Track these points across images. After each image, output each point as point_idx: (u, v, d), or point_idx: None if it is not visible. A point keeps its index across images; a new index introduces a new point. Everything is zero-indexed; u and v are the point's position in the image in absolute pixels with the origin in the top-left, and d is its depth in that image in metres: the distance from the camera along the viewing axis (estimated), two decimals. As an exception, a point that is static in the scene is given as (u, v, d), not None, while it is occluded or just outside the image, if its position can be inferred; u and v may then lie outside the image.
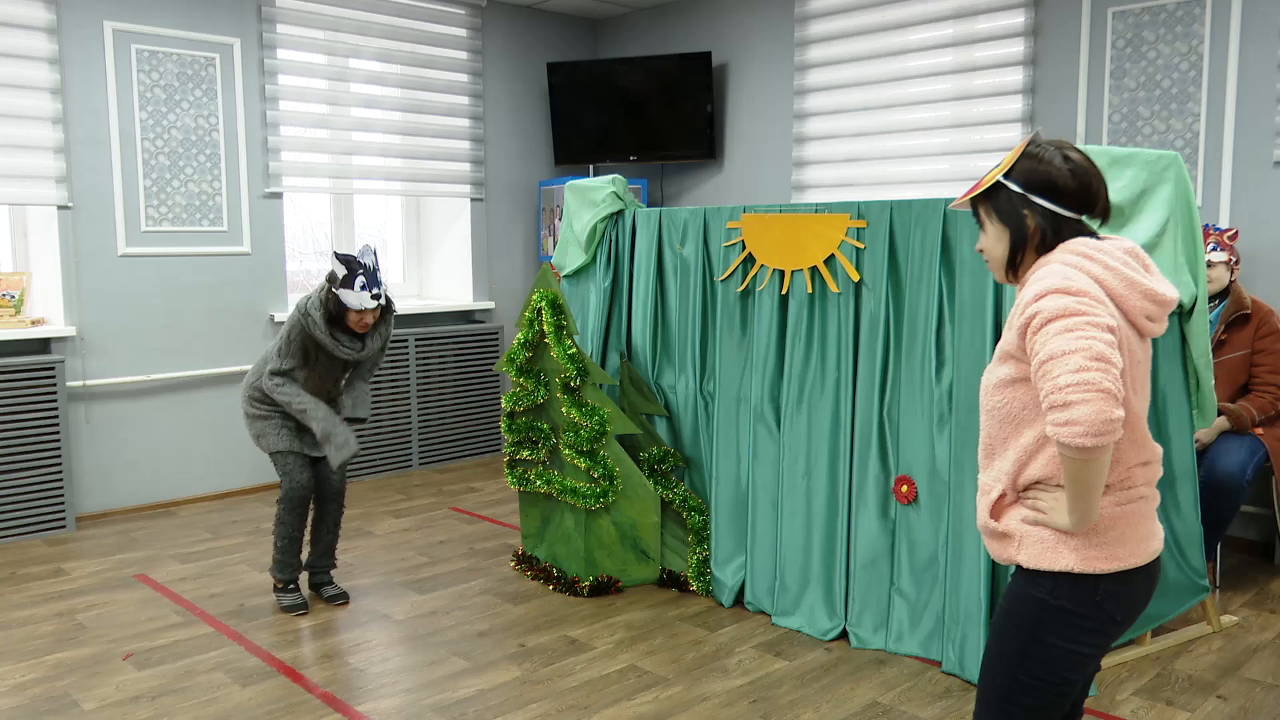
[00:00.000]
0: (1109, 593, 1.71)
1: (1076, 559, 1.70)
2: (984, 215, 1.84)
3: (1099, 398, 1.54)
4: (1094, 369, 1.55)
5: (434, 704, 3.06)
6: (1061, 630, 1.72)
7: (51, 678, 3.25)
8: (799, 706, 3.03)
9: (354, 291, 3.51)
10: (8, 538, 4.67)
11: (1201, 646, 3.45)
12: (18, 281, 4.83)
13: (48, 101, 4.75)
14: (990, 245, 1.84)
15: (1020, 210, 1.77)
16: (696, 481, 4.07)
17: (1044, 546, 1.73)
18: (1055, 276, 1.66)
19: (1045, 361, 1.60)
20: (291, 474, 3.74)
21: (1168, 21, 4.49)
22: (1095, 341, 1.57)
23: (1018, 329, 1.69)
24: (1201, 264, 3.24)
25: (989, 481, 1.82)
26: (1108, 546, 1.71)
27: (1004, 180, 1.79)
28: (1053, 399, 1.57)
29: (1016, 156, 1.80)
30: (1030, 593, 1.75)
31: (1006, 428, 1.77)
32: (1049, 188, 1.76)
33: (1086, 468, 1.60)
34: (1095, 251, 1.71)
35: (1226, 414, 3.87)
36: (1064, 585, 1.72)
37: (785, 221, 3.62)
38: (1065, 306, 1.61)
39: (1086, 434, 1.54)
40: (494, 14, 6.39)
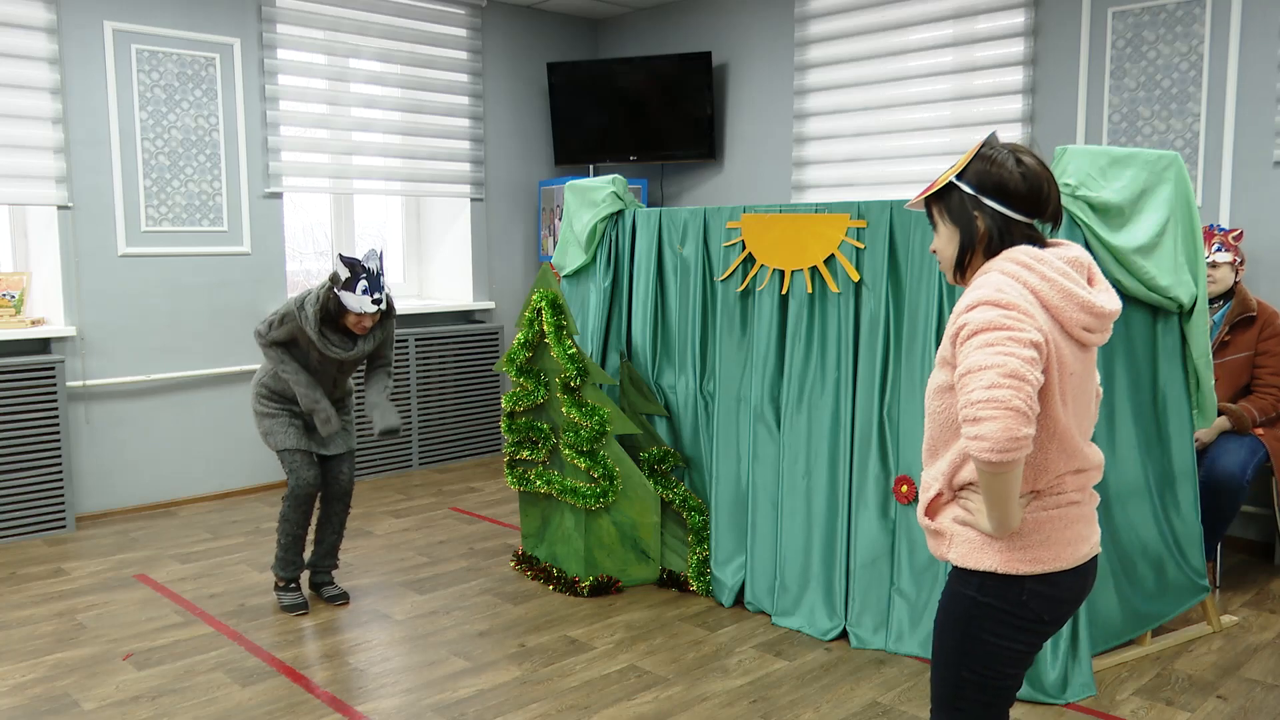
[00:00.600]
0: (1034, 593, 1.76)
1: (1000, 560, 1.75)
2: (937, 216, 1.86)
3: (1007, 415, 1.57)
4: (1005, 386, 1.58)
5: (434, 704, 3.06)
6: (992, 627, 1.77)
7: (51, 678, 3.25)
8: (799, 706, 3.03)
9: (355, 295, 3.52)
10: (8, 538, 4.67)
11: (1201, 646, 3.45)
12: (18, 281, 4.83)
13: (48, 101, 4.75)
14: (942, 246, 1.86)
15: (971, 211, 1.79)
16: (696, 481, 4.07)
17: (971, 546, 1.78)
18: (988, 287, 1.68)
19: (964, 375, 1.64)
20: (298, 471, 3.73)
21: (1168, 21, 4.49)
22: (1011, 358, 1.60)
23: (950, 337, 1.73)
24: (1201, 264, 3.25)
25: (929, 480, 1.86)
26: (1031, 549, 1.75)
27: (956, 181, 1.81)
28: (966, 413, 1.61)
29: (970, 158, 1.81)
30: (960, 590, 1.81)
31: (946, 431, 1.81)
32: (1000, 190, 1.77)
33: (997, 479, 1.64)
34: (1035, 262, 1.72)
35: (1228, 414, 3.87)
36: (990, 584, 1.77)
37: (785, 221, 3.62)
38: (990, 320, 1.64)
39: (993, 450, 1.58)
40: (494, 14, 6.39)
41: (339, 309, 3.57)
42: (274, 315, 3.67)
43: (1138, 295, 3.15)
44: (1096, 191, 3.00)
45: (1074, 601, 1.81)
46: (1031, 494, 1.77)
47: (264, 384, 3.80)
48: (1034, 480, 1.76)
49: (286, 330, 3.65)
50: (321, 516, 3.91)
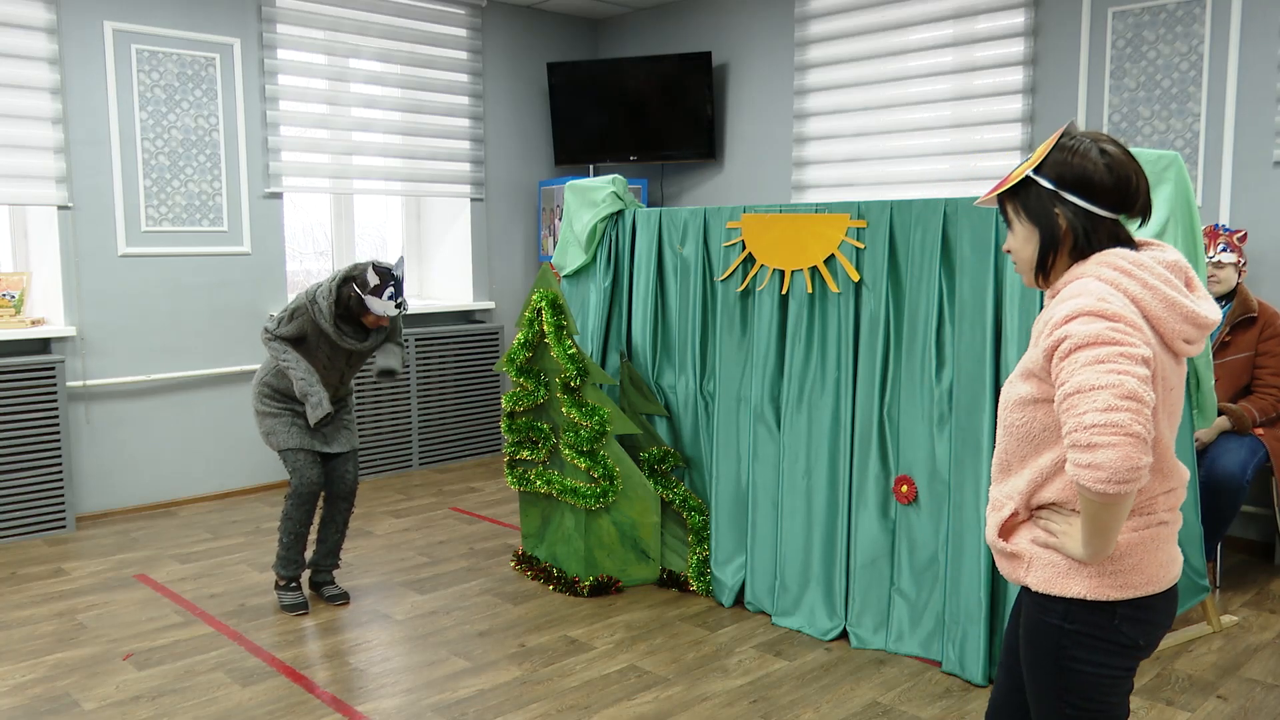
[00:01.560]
0: (1126, 618, 1.63)
1: (1089, 586, 1.62)
2: (1012, 213, 1.71)
3: (1127, 442, 1.43)
4: (1124, 409, 1.44)
5: (434, 704, 3.06)
6: (1085, 655, 1.64)
7: (52, 678, 3.25)
8: (799, 706, 3.03)
9: (381, 300, 3.60)
10: (8, 538, 4.67)
11: (1201, 646, 3.45)
12: (18, 281, 4.83)
13: (48, 101, 4.75)
14: (1018, 246, 1.71)
15: (1051, 208, 1.64)
16: (696, 481, 4.07)
17: (1054, 571, 1.65)
18: (1089, 296, 1.54)
19: (1072, 394, 1.48)
20: (301, 470, 3.74)
21: (1168, 21, 4.49)
22: (1128, 378, 1.46)
23: (1044, 349, 1.57)
24: (1202, 263, 3.24)
25: (1001, 498, 1.73)
26: (1123, 575, 1.62)
27: (1034, 175, 1.66)
28: (1076, 438, 1.46)
29: (1049, 149, 1.66)
30: (1044, 620, 1.67)
31: (1025, 446, 1.67)
32: (1083, 184, 1.62)
33: (1106, 510, 1.51)
34: (1135, 267, 1.57)
35: (1228, 414, 3.87)
36: (1077, 611, 1.63)
37: (785, 221, 3.62)
38: (1098, 334, 1.49)
39: (1110, 480, 1.44)
40: (494, 14, 6.39)
41: (360, 309, 3.64)
42: (283, 312, 3.70)
43: (1138, 295, 3.14)
44: (1096, 191, 3.00)
45: (1165, 626, 1.69)
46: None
47: (266, 383, 3.80)
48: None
49: (297, 325, 3.67)
50: (325, 516, 3.91)
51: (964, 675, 3.19)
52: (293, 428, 3.77)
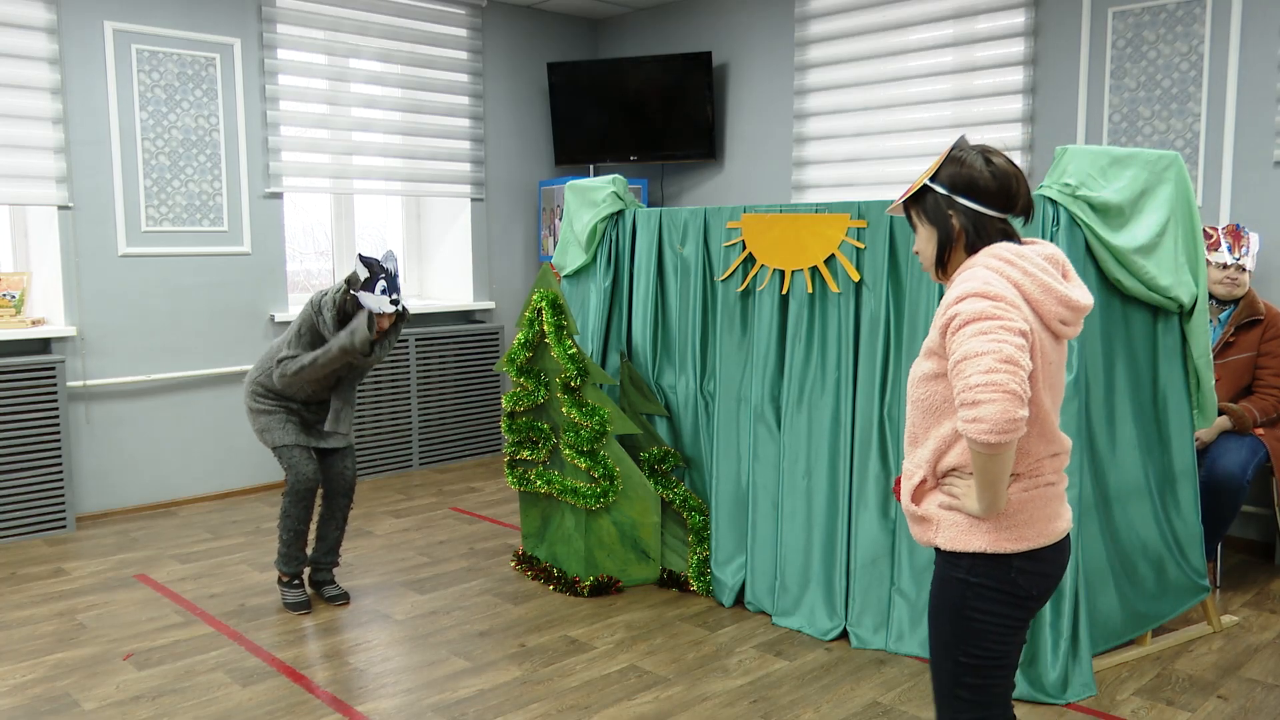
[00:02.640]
0: (1021, 569, 1.85)
1: (988, 540, 1.84)
2: (915, 218, 1.96)
3: (1005, 398, 1.65)
4: (1002, 371, 1.66)
5: (434, 704, 3.06)
6: (985, 606, 1.85)
7: (52, 678, 3.25)
8: (799, 706, 3.03)
9: (374, 295, 3.52)
10: (8, 538, 4.67)
11: (1202, 646, 3.45)
12: (18, 281, 4.83)
13: (48, 101, 4.75)
14: (923, 246, 1.95)
15: (946, 211, 1.89)
16: (697, 481, 4.07)
17: (959, 530, 1.86)
18: (976, 280, 1.78)
19: (960, 361, 1.71)
20: (296, 467, 3.73)
21: (1168, 21, 4.49)
22: (1006, 345, 1.68)
23: (939, 328, 1.81)
24: (1202, 263, 3.25)
25: (911, 468, 1.94)
26: (1017, 529, 1.84)
27: (930, 183, 1.91)
28: (963, 397, 1.69)
29: (941, 161, 1.91)
30: (950, 574, 1.88)
31: (929, 418, 1.89)
32: (971, 188, 1.87)
33: (992, 461, 1.73)
34: (1016, 258, 1.81)
35: (1229, 414, 3.87)
36: (980, 565, 1.85)
37: (785, 221, 3.62)
38: (982, 310, 1.72)
39: (991, 431, 1.66)
40: (494, 14, 6.39)
41: (357, 310, 3.58)
42: (290, 334, 3.67)
43: (1138, 295, 3.15)
44: (1097, 191, 3.00)
45: (1056, 576, 1.91)
46: (1013, 477, 1.85)
47: (258, 382, 3.78)
48: (1016, 464, 1.84)
49: (308, 341, 3.65)
50: (324, 512, 3.90)
51: (964, 675, 3.19)
52: (287, 424, 3.75)
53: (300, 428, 3.79)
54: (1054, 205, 3.03)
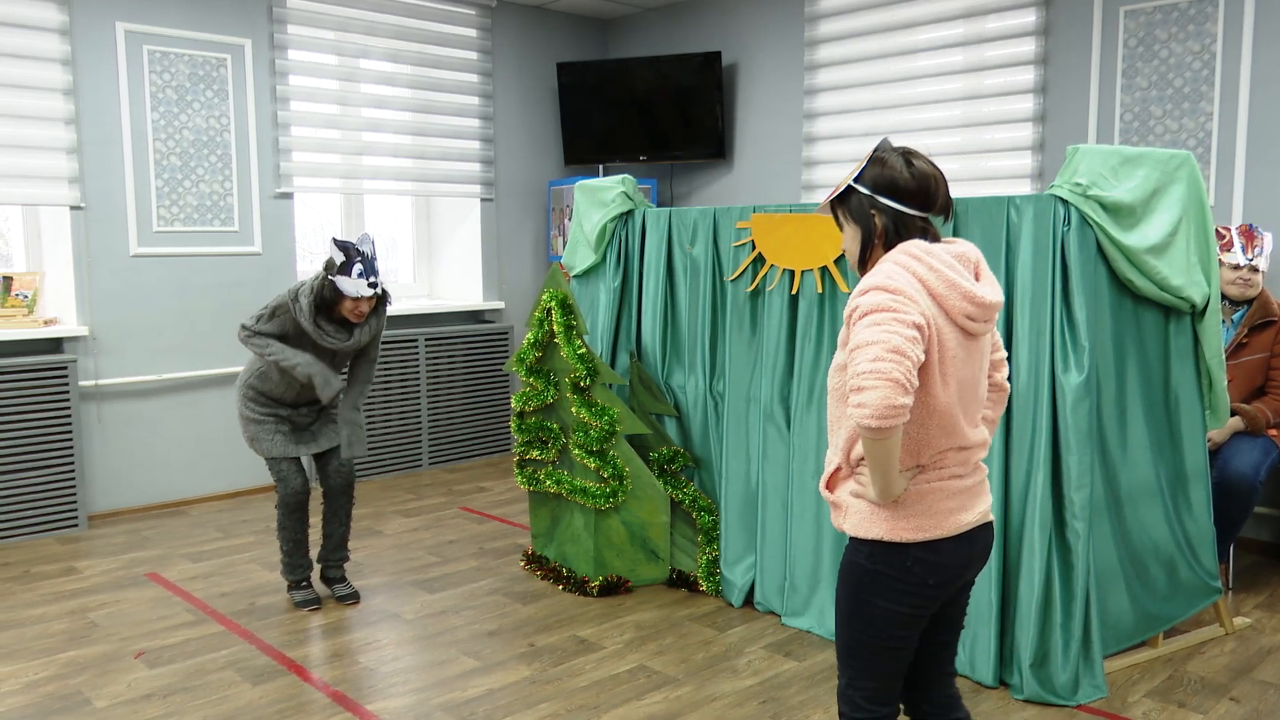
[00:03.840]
0: (918, 559, 1.91)
1: (886, 529, 1.91)
2: (841, 217, 2.03)
3: (887, 385, 1.72)
4: (888, 359, 1.73)
5: (443, 703, 3.07)
6: (881, 592, 1.92)
7: (63, 676, 3.27)
8: (809, 707, 3.03)
9: (351, 279, 3.47)
10: (20, 536, 4.70)
11: (1214, 648, 3.43)
12: (31, 281, 4.86)
13: (60, 102, 4.77)
14: (848, 244, 2.02)
15: (869, 210, 1.95)
16: (706, 481, 4.06)
17: (861, 517, 1.94)
18: (880, 274, 1.85)
19: (853, 350, 1.80)
20: (286, 480, 3.73)
21: (1180, 20, 4.47)
22: (895, 336, 1.75)
23: (845, 318, 1.89)
24: (1214, 263, 3.23)
25: (829, 456, 2.02)
26: (914, 518, 1.90)
27: (854, 184, 1.97)
28: (851, 383, 1.77)
29: (865, 162, 1.98)
30: (854, 559, 1.96)
31: (840, 407, 1.96)
32: (892, 189, 1.94)
33: (879, 446, 1.79)
34: (923, 254, 1.88)
35: (1242, 415, 3.85)
36: (878, 552, 1.92)
37: (795, 221, 3.62)
38: (879, 303, 1.80)
39: (873, 416, 1.72)
40: (504, 14, 6.39)
41: (335, 295, 3.52)
42: (263, 309, 3.61)
43: (1150, 295, 3.13)
44: (1108, 191, 2.99)
45: (960, 567, 1.96)
46: (916, 468, 1.91)
47: (250, 385, 3.75)
48: (916, 455, 1.90)
49: (278, 324, 3.59)
50: (326, 511, 3.90)
51: (974, 676, 3.18)
52: (276, 435, 3.73)
53: (289, 437, 3.76)
54: (1065, 205, 3.02)
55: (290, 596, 3.89)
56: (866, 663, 1.98)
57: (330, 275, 3.50)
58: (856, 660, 1.99)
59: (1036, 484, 3.05)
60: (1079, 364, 2.99)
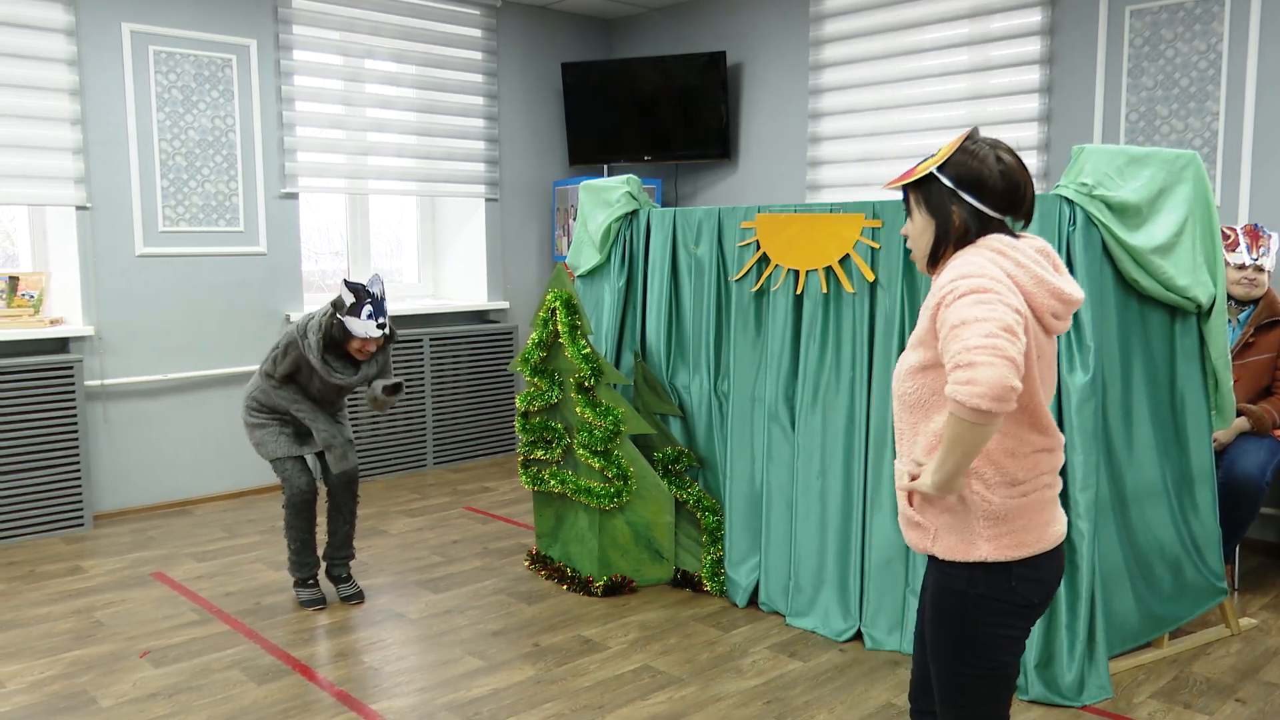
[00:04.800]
0: (1020, 577, 1.79)
1: (989, 549, 1.77)
2: (914, 203, 1.88)
3: (1004, 363, 1.58)
4: (1002, 337, 1.60)
5: (448, 703, 3.07)
6: (986, 617, 1.79)
7: (69, 675, 3.28)
8: (813, 707, 3.03)
9: (360, 320, 3.56)
10: (26, 536, 4.71)
11: (1219, 649, 3.43)
12: (37, 281, 4.87)
13: (66, 103, 4.78)
14: (915, 234, 1.88)
15: (948, 204, 1.81)
16: (711, 481, 4.06)
17: (959, 538, 1.79)
18: (970, 265, 1.74)
19: (956, 326, 1.64)
20: (291, 479, 3.78)
21: (1186, 20, 4.46)
22: (1006, 313, 1.64)
23: (930, 311, 1.76)
24: (1220, 263, 3.22)
25: (903, 469, 1.87)
26: (1017, 535, 1.78)
27: (937, 172, 1.82)
28: (959, 358, 1.61)
29: (953, 150, 1.82)
30: (949, 585, 1.82)
31: (916, 413, 1.83)
32: (978, 185, 1.79)
33: (974, 432, 1.63)
34: (1009, 249, 1.77)
35: (1248, 415, 3.84)
36: (980, 574, 1.79)
37: (800, 221, 3.61)
38: (978, 284, 1.68)
39: (985, 395, 1.57)
40: (508, 14, 6.40)
41: (343, 334, 3.60)
42: (276, 350, 3.73)
43: (1155, 295, 3.13)
44: (1114, 191, 2.99)
45: (1055, 582, 1.86)
46: (1013, 483, 1.79)
47: (254, 397, 3.85)
48: (1015, 468, 1.79)
49: (291, 361, 3.70)
50: (330, 509, 3.92)
51: (979, 677, 3.17)
52: (281, 436, 3.81)
53: (294, 438, 3.85)
54: (1070, 205, 3.01)
55: (296, 594, 3.89)
56: (981, 697, 1.84)
57: (340, 315, 3.57)
58: (969, 697, 1.84)
59: (1042, 484, 3.04)
60: (1084, 364, 2.99)
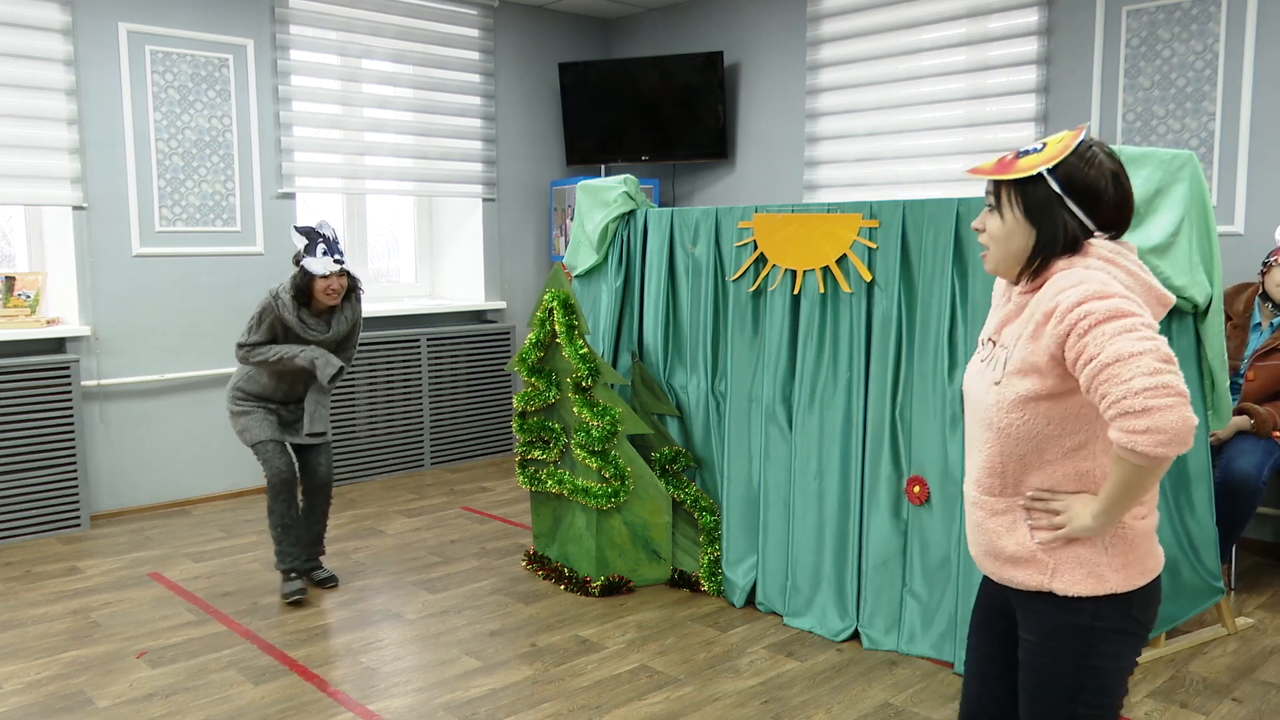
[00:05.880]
0: (1140, 604, 1.67)
1: (1119, 579, 1.64)
2: (1005, 201, 1.66)
3: (1180, 402, 1.43)
4: (1168, 372, 1.44)
5: (445, 703, 3.07)
6: (1110, 651, 1.66)
7: (66, 675, 3.27)
8: (810, 707, 3.03)
9: (317, 258, 3.67)
10: (23, 536, 4.70)
11: (1216, 649, 3.43)
12: (33, 281, 4.86)
13: (63, 103, 4.78)
14: (1000, 236, 1.67)
15: (1055, 211, 1.61)
16: (708, 481, 4.06)
17: (1086, 572, 1.64)
18: (1093, 283, 1.55)
19: (1110, 364, 1.46)
20: (271, 460, 3.84)
21: (1183, 20, 4.46)
22: (1159, 341, 1.47)
23: (1054, 338, 1.55)
24: (1216, 264, 3.22)
25: (1001, 505, 1.71)
26: (1141, 561, 1.66)
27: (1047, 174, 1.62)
28: (1128, 404, 1.44)
29: (1067, 150, 1.61)
30: (1071, 621, 1.66)
31: (1025, 445, 1.65)
32: (1091, 197, 1.61)
33: (1148, 475, 1.50)
34: (1117, 256, 1.62)
35: (1253, 414, 3.83)
36: (1104, 607, 1.64)
37: (797, 221, 3.62)
38: (1116, 307, 1.50)
39: (1170, 442, 1.43)
40: (506, 14, 6.40)
41: (306, 280, 3.71)
42: (250, 321, 3.79)
43: (1152, 295, 3.12)
44: (1111, 191, 2.99)
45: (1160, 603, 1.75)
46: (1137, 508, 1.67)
47: (238, 387, 3.94)
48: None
49: (266, 328, 3.77)
50: (305, 509, 4.03)
51: (976, 677, 3.18)
52: (264, 422, 3.89)
53: (277, 425, 3.93)
54: (1067, 205, 3.01)
55: (280, 587, 3.98)
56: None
57: (299, 262, 3.70)
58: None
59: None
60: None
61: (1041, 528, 1.66)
